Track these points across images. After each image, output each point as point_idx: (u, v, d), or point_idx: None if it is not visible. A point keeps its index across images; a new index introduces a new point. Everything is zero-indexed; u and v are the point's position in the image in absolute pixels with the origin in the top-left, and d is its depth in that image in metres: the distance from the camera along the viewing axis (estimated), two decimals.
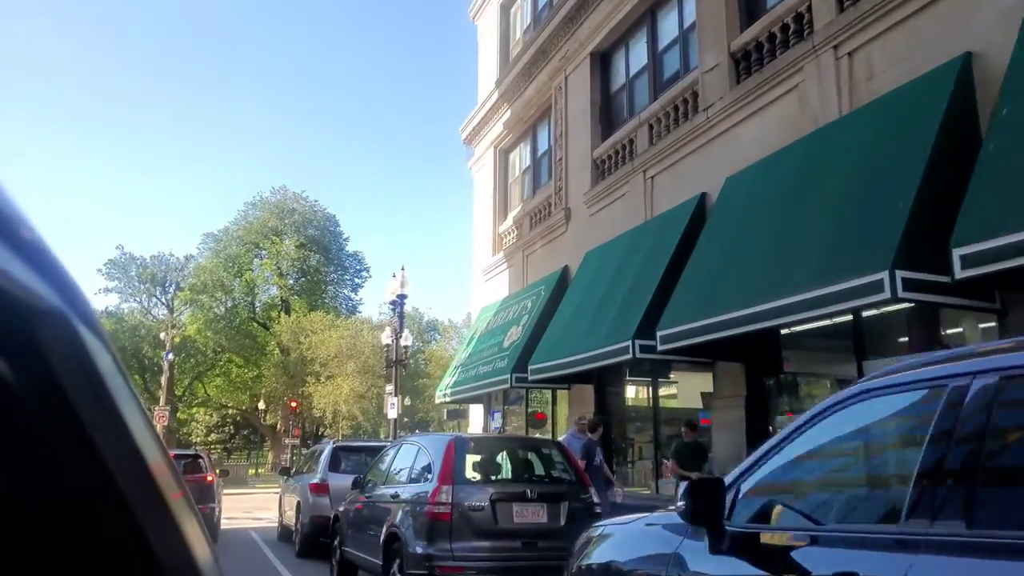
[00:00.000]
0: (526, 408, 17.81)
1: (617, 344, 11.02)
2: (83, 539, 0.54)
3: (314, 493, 11.98)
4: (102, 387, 0.56)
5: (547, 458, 7.93)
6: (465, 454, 7.23)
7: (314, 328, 50.32)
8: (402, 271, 18.90)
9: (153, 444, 0.62)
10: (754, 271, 8.77)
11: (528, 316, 15.71)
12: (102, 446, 0.55)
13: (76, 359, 0.55)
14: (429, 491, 6.91)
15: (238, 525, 18.64)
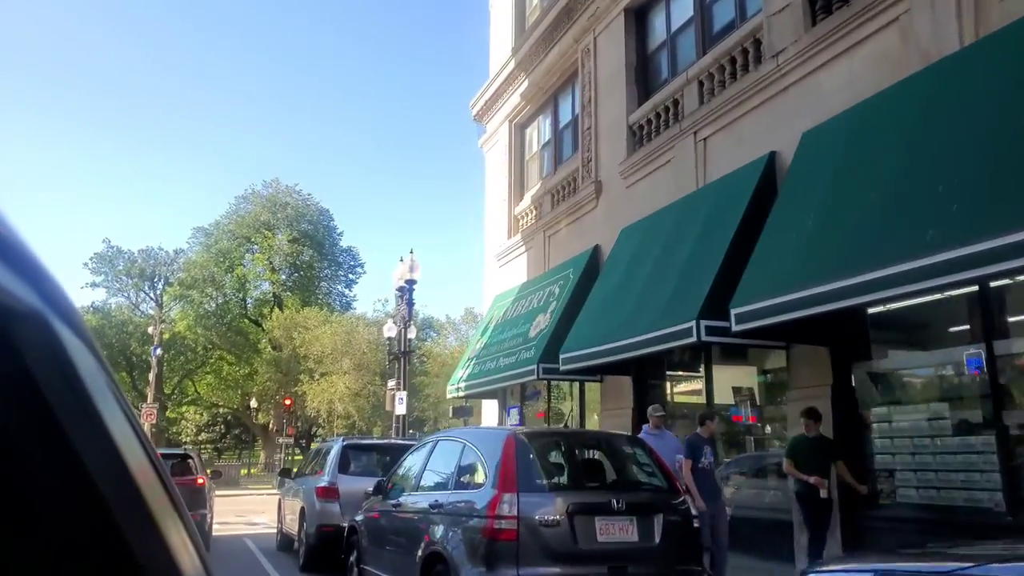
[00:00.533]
0: (548, 403, 16.25)
1: (675, 327, 9.46)
2: (60, 548, 0.51)
3: (322, 498, 10.37)
4: (82, 390, 0.55)
5: (629, 458, 6.25)
6: (529, 453, 5.65)
7: (308, 324, 48.65)
8: (411, 254, 17.30)
9: (138, 447, 0.60)
10: (863, 233, 7.23)
11: (556, 302, 14.14)
12: (81, 451, 0.53)
13: (54, 361, 0.53)
14: (485, 501, 5.33)
15: (231, 531, 16.99)
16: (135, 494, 0.57)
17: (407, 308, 17.18)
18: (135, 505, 0.57)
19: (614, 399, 13.10)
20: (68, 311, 0.56)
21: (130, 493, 0.57)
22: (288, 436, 38.65)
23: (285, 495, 13.13)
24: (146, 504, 0.58)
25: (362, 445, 11.26)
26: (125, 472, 0.57)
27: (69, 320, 0.56)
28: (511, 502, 5.16)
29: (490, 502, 5.24)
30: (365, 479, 10.57)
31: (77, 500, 0.52)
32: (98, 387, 0.56)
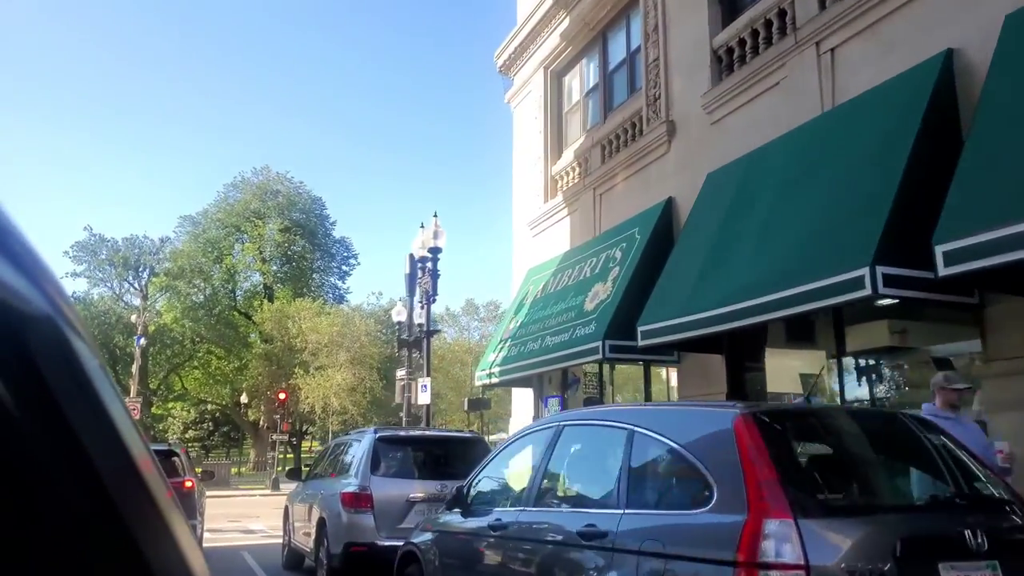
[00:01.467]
0: (602, 391, 13.77)
1: (827, 280, 7.00)
2: (72, 545, 0.52)
3: (350, 507, 7.82)
4: (92, 391, 0.56)
5: (940, 455, 3.53)
6: (785, 445, 3.14)
7: (302, 315, 45.98)
8: (434, 218, 14.72)
9: (141, 446, 0.60)
10: None
11: (619, 267, 11.64)
12: (92, 451, 0.54)
13: (65, 364, 0.55)
14: (728, 533, 2.81)
15: (225, 541, 14.40)
16: (144, 491, 0.58)
17: (431, 281, 14.62)
18: (144, 502, 0.57)
19: (697, 383, 10.62)
20: (74, 317, 0.57)
21: (139, 489, 0.57)
22: (283, 432, 35.96)
23: (294, 501, 10.55)
24: (155, 501, 0.58)
25: (400, 439, 8.66)
26: (134, 469, 0.57)
27: (75, 326, 0.57)
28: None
29: (741, 535, 2.73)
30: (404, 482, 8.08)
31: (88, 498, 0.53)
32: (105, 389, 0.57)
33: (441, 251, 14.60)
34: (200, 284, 53.32)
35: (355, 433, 9.35)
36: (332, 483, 8.65)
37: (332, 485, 8.59)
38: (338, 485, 8.33)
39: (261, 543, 14.22)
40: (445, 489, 7.93)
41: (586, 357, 11.19)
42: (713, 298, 8.74)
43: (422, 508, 7.88)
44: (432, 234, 14.49)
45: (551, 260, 14.81)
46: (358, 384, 44.80)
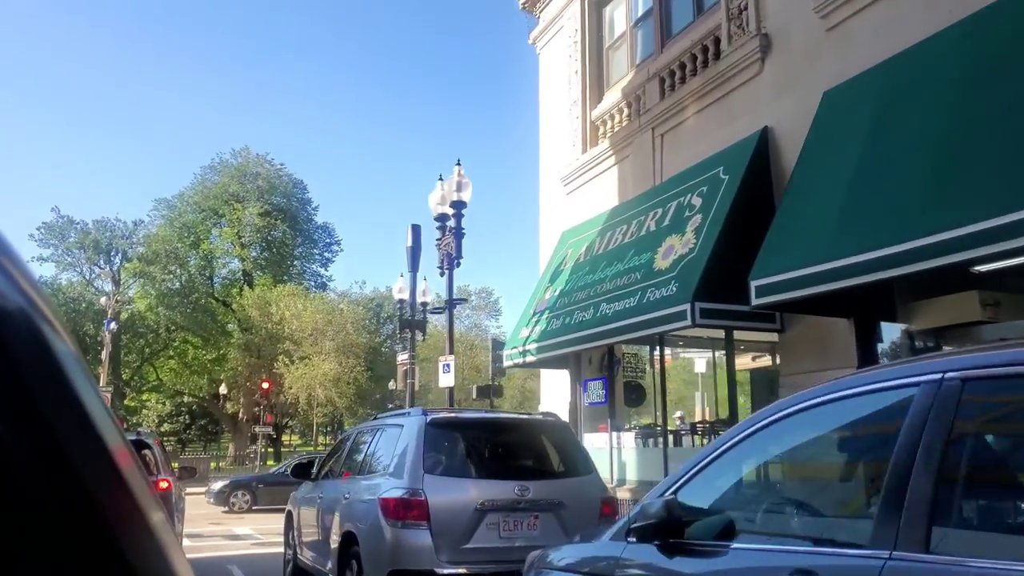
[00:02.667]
0: (658, 376, 11.49)
1: None
2: (50, 546, 0.50)
3: (395, 519, 5.46)
4: (69, 388, 0.54)
5: None
6: None
7: (285, 301, 43.33)
8: (457, 167, 12.31)
9: (121, 442, 0.58)
10: None
11: (702, 215, 9.37)
12: (70, 451, 0.52)
13: (41, 360, 0.53)
14: None
15: (207, 550, 11.98)
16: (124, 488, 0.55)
17: (454, 241, 12.22)
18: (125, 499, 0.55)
19: (812, 356, 8.37)
20: (49, 308, 0.56)
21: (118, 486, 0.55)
22: (267, 425, 33.37)
23: (301, 506, 8.16)
24: (135, 498, 0.56)
25: (461, 422, 6.16)
26: (115, 471, 0.55)
27: (50, 318, 0.55)
28: None
29: None
30: (470, 484, 5.78)
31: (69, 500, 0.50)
32: (83, 385, 0.55)
33: (466, 205, 12.21)
34: (176, 270, 50.43)
35: (390, 417, 6.92)
36: (362, 484, 6.27)
37: (362, 487, 6.22)
38: (373, 487, 5.97)
39: (252, 553, 11.82)
40: (526, 493, 5.64)
41: (664, 325, 8.90)
42: (871, 238, 6.49)
43: (495, 520, 5.59)
44: (455, 185, 12.11)
45: (595, 218, 12.51)
46: (344, 374, 42.30)
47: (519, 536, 5.63)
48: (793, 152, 8.78)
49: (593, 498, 5.99)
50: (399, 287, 20.49)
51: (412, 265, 19.20)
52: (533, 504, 5.65)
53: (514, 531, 5.61)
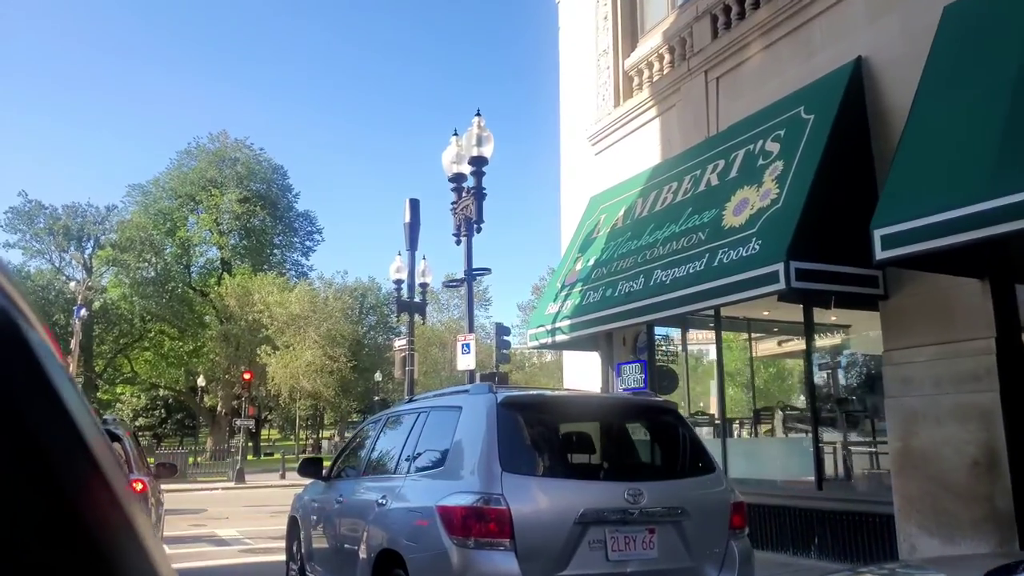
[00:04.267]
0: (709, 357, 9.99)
1: None
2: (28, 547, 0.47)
3: (464, 537, 3.88)
4: (49, 386, 0.52)
5: None
6: None
7: (267, 289, 41.40)
8: (476, 118, 10.68)
9: (100, 441, 0.56)
10: None
11: (783, 162, 7.86)
12: (51, 450, 0.51)
13: (20, 358, 0.51)
14: None
15: (189, 559, 10.29)
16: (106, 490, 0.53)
17: (475, 203, 10.58)
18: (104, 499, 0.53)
19: (930, 327, 6.88)
20: (26, 304, 0.55)
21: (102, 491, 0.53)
22: (249, 417, 31.47)
23: (310, 512, 6.52)
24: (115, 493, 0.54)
25: (544, 404, 4.56)
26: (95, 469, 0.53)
27: (27, 314, 0.54)
28: None
29: None
30: (566, 486, 4.21)
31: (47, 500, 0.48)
32: (62, 383, 0.54)
33: (487, 162, 10.57)
34: (151, 258, 48.12)
35: (440, 396, 5.27)
36: (406, 486, 4.67)
37: (407, 490, 4.61)
38: (425, 491, 4.38)
39: (243, 563, 10.16)
40: (639, 499, 4.08)
41: (746, 291, 7.37)
42: None
43: (600, 536, 4.02)
44: (474, 139, 10.49)
45: (632, 179, 10.96)
46: (328, 364, 40.47)
47: (633, 558, 4.07)
48: (898, 83, 7.31)
49: (720, 504, 4.45)
50: (396, 267, 18.83)
51: (410, 243, 17.59)
52: (648, 514, 4.09)
53: (625, 551, 4.06)
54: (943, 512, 6.47)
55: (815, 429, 8.14)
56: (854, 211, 7.28)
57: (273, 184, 54.48)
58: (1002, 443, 6.09)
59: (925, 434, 6.70)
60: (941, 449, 6.54)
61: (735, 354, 10.98)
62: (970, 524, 6.27)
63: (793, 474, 8.65)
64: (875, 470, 8.07)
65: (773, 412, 10.34)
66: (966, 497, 6.30)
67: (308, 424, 66.93)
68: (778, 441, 9.95)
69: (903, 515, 6.82)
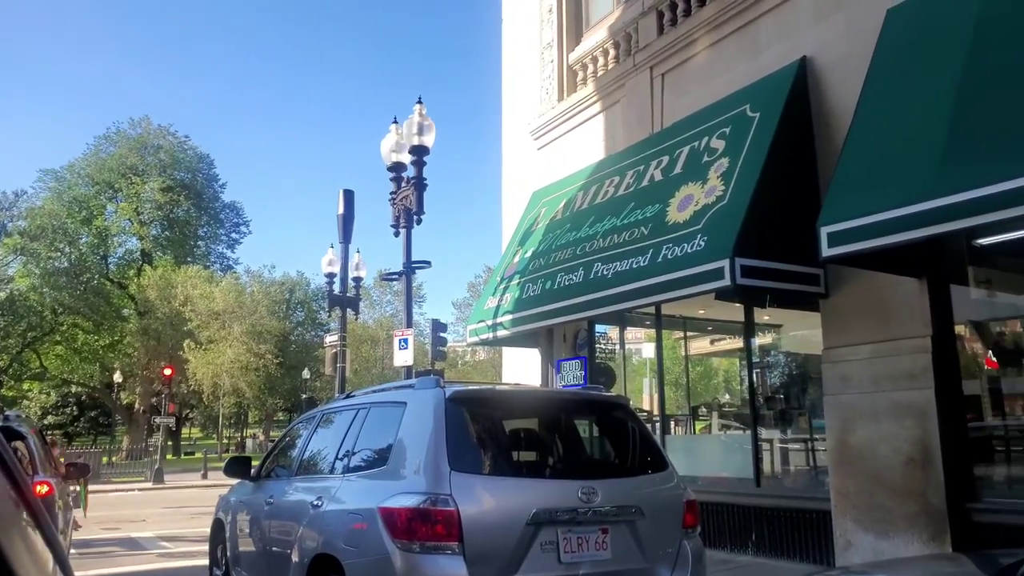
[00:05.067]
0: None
1: None
2: None
3: (409, 540, 3.68)
4: None
5: None
6: None
7: (190, 282, 39.96)
8: (418, 105, 10.41)
9: None
10: None
11: (729, 159, 7.86)
12: None
13: None
14: None
15: (100, 565, 9.71)
16: None
17: (414, 194, 10.30)
18: None
19: (868, 325, 6.97)
20: None
21: None
22: (169, 415, 30.22)
23: (239, 512, 6.16)
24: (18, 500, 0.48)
25: (493, 399, 4.32)
26: None
27: None
28: None
29: None
30: (516, 485, 4.03)
31: None
32: None
33: (428, 152, 10.31)
34: (64, 247, 45.90)
35: (381, 391, 4.99)
36: (344, 486, 4.41)
37: (346, 490, 4.36)
38: (366, 491, 4.13)
39: (160, 568, 9.64)
40: (593, 497, 3.93)
41: (691, 287, 7.34)
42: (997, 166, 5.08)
43: (552, 537, 3.85)
44: (415, 127, 10.21)
45: (575, 174, 10.88)
46: (254, 360, 39.33)
47: (585, 559, 3.92)
48: (842, 83, 7.40)
49: (674, 502, 4.34)
50: (328, 259, 18.33)
51: (344, 235, 17.11)
52: (602, 514, 3.95)
53: (578, 552, 3.90)
54: (878, 508, 6.56)
55: (754, 426, 8.18)
56: (797, 209, 7.34)
57: (198, 173, 52.71)
58: (936, 440, 6.20)
59: (862, 431, 6.78)
60: (877, 446, 6.63)
61: (670, 352, 11.01)
62: (904, 519, 6.36)
63: (732, 471, 8.68)
64: (812, 467, 8.16)
65: (711, 409, 10.41)
66: (901, 493, 6.40)
67: (232, 422, 65.05)
68: (716, 438, 10.02)
69: (839, 511, 6.89)
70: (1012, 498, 6.02)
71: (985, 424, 6.68)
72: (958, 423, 6.30)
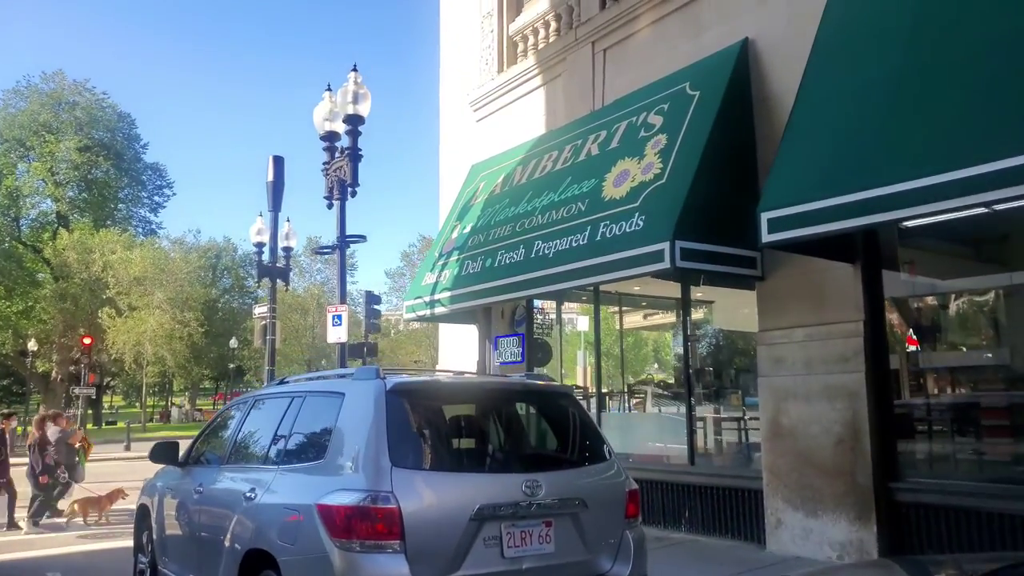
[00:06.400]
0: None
1: None
2: None
3: (348, 540, 3.52)
4: None
5: None
6: None
7: (108, 247, 38.29)
8: (352, 73, 10.01)
9: None
10: None
11: (667, 135, 7.82)
12: None
13: None
14: None
15: (13, 548, 9.25)
16: None
17: (349, 166, 9.95)
18: None
19: (802, 308, 7.07)
20: None
21: None
22: (89, 385, 29.05)
23: (166, 497, 5.89)
24: None
25: (436, 389, 4.23)
26: None
27: None
28: None
29: None
30: (458, 480, 3.94)
31: None
32: None
33: (363, 121, 9.94)
34: None
35: (315, 380, 4.83)
36: (278, 479, 4.24)
37: (280, 484, 4.18)
38: (303, 486, 3.96)
39: (80, 551, 9.23)
40: (536, 491, 3.86)
41: (629, 268, 7.31)
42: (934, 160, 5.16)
43: (495, 532, 3.77)
44: (349, 96, 9.84)
45: (515, 148, 10.72)
46: (178, 329, 38.10)
47: (529, 554, 3.85)
48: (783, 67, 7.41)
49: (617, 493, 4.30)
50: (257, 228, 17.71)
51: (274, 204, 16.50)
52: (546, 507, 3.88)
53: (522, 546, 3.83)
54: (808, 487, 6.72)
55: (688, 404, 8.26)
56: (736, 192, 7.38)
57: (118, 133, 50.35)
58: (865, 422, 6.36)
59: (795, 412, 6.91)
60: (809, 427, 6.77)
61: (605, 327, 11.04)
62: (832, 498, 6.54)
63: (666, 449, 8.78)
64: (745, 445, 8.32)
65: (645, 387, 10.51)
66: (830, 473, 6.56)
67: (156, 391, 63.10)
68: (651, 415, 10.12)
69: (771, 489, 7.04)
70: (933, 478, 6.23)
71: (910, 404, 6.90)
72: (886, 405, 6.47)
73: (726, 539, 7.54)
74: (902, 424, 6.64)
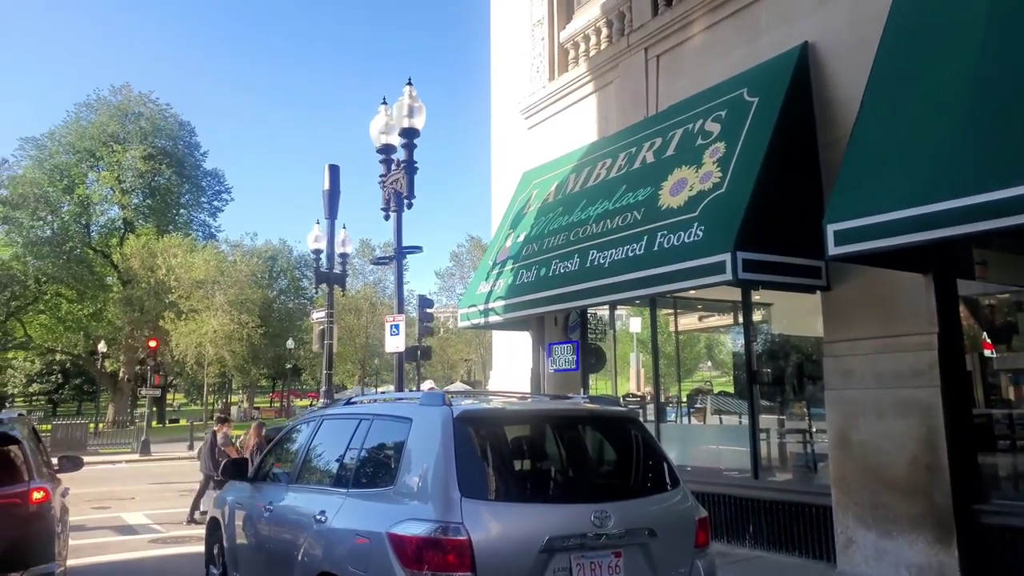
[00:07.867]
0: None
1: None
2: None
3: (419, 570, 3.43)
4: None
5: None
6: None
7: (172, 251, 39.22)
8: (408, 88, 9.98)
9: None
10: None
11: (726, 143, 7.56)
12: None
13: None
14: None
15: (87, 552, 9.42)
16: None
17: (405, 177, 9.93)
18: None
19: (871, 319, 6.75)
20: None
21: None
22: (154, 387, 29.82)
23: (238, 512, 5.90)
24: None
25: (504, 416, 4.10)
26: None
27: None
28: None
29: None
30: (529, 511, 3.80)
31: None
32: None
33: (418, 134, 9.92)
34: (47, 216, 44.94)
35: (385, 403, 4.77)
36: (348, 504, 4.16)
37: (351, 509, 4.11)
38: (373, 513, 3.88)
39: (153, 555, 9.38)
40: (606, 521, 3.70)
41: (690, 280, 7.07)
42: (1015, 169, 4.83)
43: (565, 564, 3.62)
44: (405, 110, 9.81)
45: (566, 155, 10.55)
46: (237, 330, 38.85)
47: None
48: (845, 70, 7.10)
49: (686, 521, 4.13)
50: (314, 235, 17.89)
51: (330, 212, 16.65)
52: (616, 537, 3.73)
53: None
54: (880, 506, 6.41)
55: (752, 415, 7.99)
56: (798, 200, 7.10)
57: (179, 141, 51.60)
58: (942, 439, 6.03)
59: (865, 427, 6.61)
60: (881, 443, 6.46)
61: (661, 330, 10.81)
62: (907, 519, 6.22)
63: (728, 461, 8.53)
64: (811, 458, 8.01)
65: (707, 396, 10.26)
66: (905, 492, 6.25)
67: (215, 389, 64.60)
68: (712, 427, 9.84)
69: (840, 507, 6.75)
70: (1020, 499, 5.89)
71: (989, 414, 6.55)
72: (964, 422, 6.12)
73: (793, 556, 7.26)
74: (982, 439, 6.30)
